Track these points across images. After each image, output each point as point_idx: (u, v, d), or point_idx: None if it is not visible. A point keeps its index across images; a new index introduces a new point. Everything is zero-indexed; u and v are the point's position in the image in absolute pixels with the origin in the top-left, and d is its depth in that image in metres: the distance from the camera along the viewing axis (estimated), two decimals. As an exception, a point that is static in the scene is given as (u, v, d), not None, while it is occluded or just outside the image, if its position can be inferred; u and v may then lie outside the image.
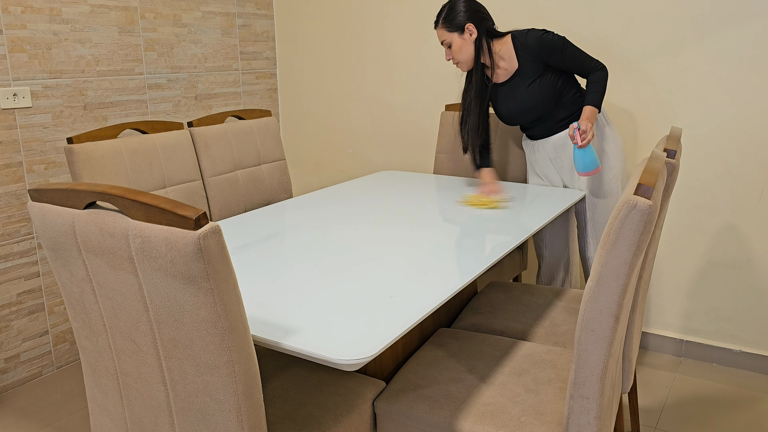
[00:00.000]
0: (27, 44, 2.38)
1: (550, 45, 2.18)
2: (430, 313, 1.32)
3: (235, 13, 3.26)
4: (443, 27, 2.24)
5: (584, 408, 1.24)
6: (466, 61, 2.26)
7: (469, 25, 2.20)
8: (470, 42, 2.23)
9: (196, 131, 2.38)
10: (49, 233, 1.18)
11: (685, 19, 2.44)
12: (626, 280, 1.13)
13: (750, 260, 2.49)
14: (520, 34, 2.25)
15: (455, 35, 2.22)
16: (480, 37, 2.22)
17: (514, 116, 2.33)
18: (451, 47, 2.25)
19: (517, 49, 2.24)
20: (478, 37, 2.22)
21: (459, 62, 2.27)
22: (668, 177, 1.55)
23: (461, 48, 2.23)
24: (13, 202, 2.41)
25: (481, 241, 1.76)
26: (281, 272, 1.54)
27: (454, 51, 2.25)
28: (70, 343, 2.66)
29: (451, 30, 2.22)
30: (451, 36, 2.23)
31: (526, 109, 2.28)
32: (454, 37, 2.23)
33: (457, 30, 2.21)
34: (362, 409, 1.45)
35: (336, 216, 2.06)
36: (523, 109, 2.29)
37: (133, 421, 1.25)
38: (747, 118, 2.40)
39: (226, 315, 1.03)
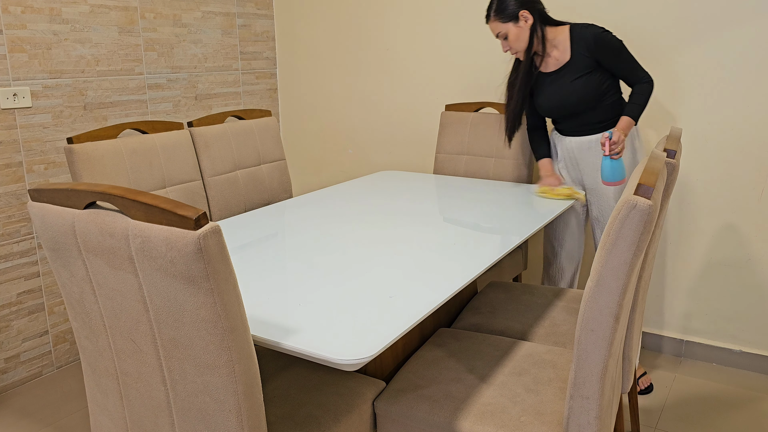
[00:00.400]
0: (27, 44, 2.38)
1: (609, 44, 2.14)
2: (430, 313, 1.32)
3: (235, 13, 3.26)
4: (496, 19, 2.19)
5: (584, 408, 1.24)
6: (521, 48, 2.22)
7: (523, 12, 2.16)
8: (526, 29, 2.18)
9: (196, 131, 2.38)
10: (49, 233, 1.18)
11: (685, 19, 2.44)
12: (626, 280, 1.13)
13: (750, 260, 2.49)
14: (580, 26, 2.20)
15: (510, 25, 2.18)
16: (535, 22, 2.18)
17: (552, 108, 2.29)
18: (507, 38, 2.20)
19: (573, 42, 2.19)
20: (533, 22, 2.18)
21: (517, 51, 2.24)
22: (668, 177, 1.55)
23: (518, 37, 2.19)
24: (13, 202, 2.41)
25: (481, 241, 1.76)
26: (281, 272, 1.54)
27: (511, 41, 2.20)
28: (70, 343, 2.66)
29: (506, 20, 2.18)
30: (506, 27, 2.18)
31: (567, 103, 2.24)
32: (510, 27, 2.18)
33: (511, 19, 2.17)
34: (362, 409, 1.45)
35: (336, 216, 2.06)
36: (563, 103, 2.25)
37: (133, 421, 1.25)
38: (747, 118, 2.40)
39: (226, 315, 1.03)
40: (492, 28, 2.22)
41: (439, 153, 2.86)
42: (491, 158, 2.74)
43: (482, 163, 2.76)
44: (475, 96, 3.00)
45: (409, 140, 3.24)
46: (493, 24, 2.21)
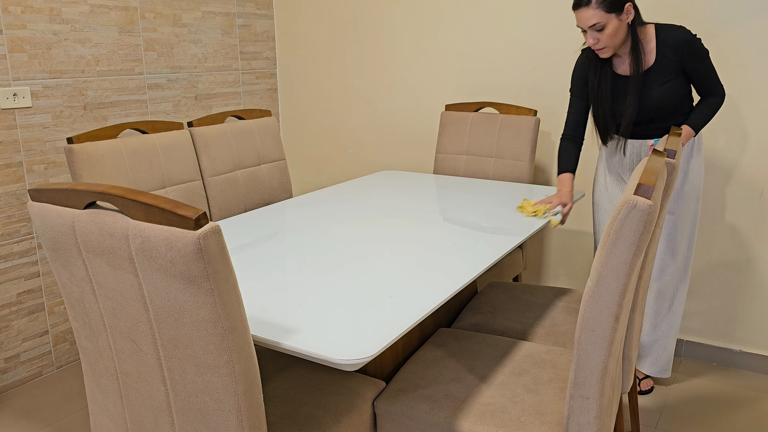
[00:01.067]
0: (27, 44, 2.38)
1: (698, 49, 2.00)
2: (430, 313, 1.32)
3: (235, 13, 3.26)
4: (600, 7, 1.92)
5: (584, 408, 1.24)
6: (616, 45, 2.00)
7: (629, 5, 1.94)
8: (626, 24, 1.96)
9: (196, 131, 2.38)
10: (49, 233, 1.18)
11: (684, 19, 2.44)
12: (626, 280, 1.13)
13: (750, 260, 2.49)
14: (668, 27, 2.03)
15: (613, 16, 1.93)
16: (635, 18, 1.98)
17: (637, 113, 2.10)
18: (603, 30, 1.95)
19: (660, 43, 2.02)
20: (634, 18, 1.97)
21: (606, 47, 1.99)
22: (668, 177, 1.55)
23: (617, 31, 1.95)
24: (13, 202, 2.41)
25: (481, 241, 1.76)
26: (281, 272, 1.54)
27: (607, 35, 1.95)
28: (70, 343, 2.66)
29: (610, 10, 1.92)
30: (608, 17, 1.92)
31: (651, 109, 2.07)
32: (612, 19, 1.93)
33: (616, 10, 1.92)
34: (362, 409, 1.45)
35: (336, 216, 2.06)
36: (647, 108, 2.07)
37: (133, 421, 1.25)
38: (747, 118, 2.40)
39: (226, 315, 1.03)
40: (586, 17, 1.94)
41: (439, 153, 2.86)
42: (491, 158, 2.74)
43: (482, 163, 2.76)
44: (476, 96, 3.00)
45: (409, 140, 3.24)
46: (593, 11, 1.92)
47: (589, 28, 1.96)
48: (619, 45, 2.00)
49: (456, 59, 3.01)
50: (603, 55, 2.03)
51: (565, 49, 2.72)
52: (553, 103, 2.80)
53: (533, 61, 2.81)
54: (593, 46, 2.00)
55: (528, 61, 2.83)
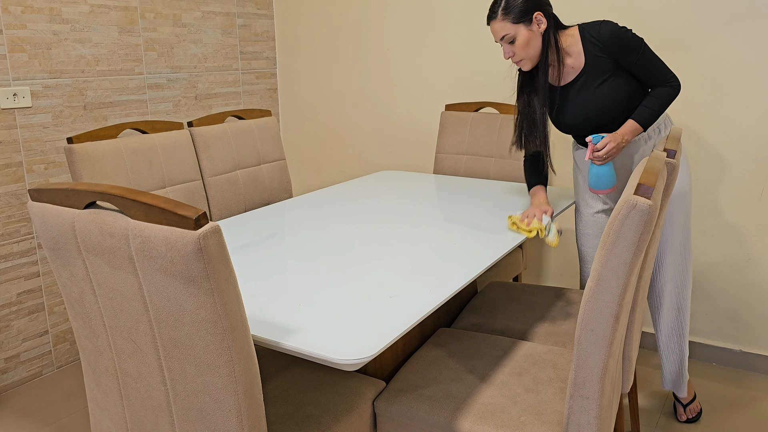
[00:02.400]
0: (27, 44, 2.38)
1: (627, 41, 1.87)
2: (430, 313, 1.32)
3: (235, 13, 3.26)
4: (505, 19, 1.87)
5: (584, 408, 1.24)
6: (532, 57, 1.92)
7: (538, 14, 1.87)
8: (538, 34, 1.89)
9: (196, 131, 2.38)
10: (49, 233, 1.18)
11: (684, 19, 2.44)
12: (626, 280, 1.13)
13: (750, 260, 2.49)
14: (591, 26, 1.93)
15: (521, 27, 1.87)
16: (549, 28, 1.90)
17: (578, 123, 1.99)
18: (514, 42, 1.89)
19: (586, 44, 1.92)
20: (546, 27, 1.89)
21: (522, 59, 1.92)
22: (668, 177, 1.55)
23: (529, 42, 1.88)
24: (13, 202, 2.41)
25: (481, 241, 1.76)
26: (281, 272, 1.54)
27: (519, 46, 1.89)
28: (70, 343, 2.66)
29: (517, 21, 1.86)
30: (516, 28, 1.87)
31: (595, 114, 1.96)
32: (521, 30, 1.87)
33: (523, 21, 1.86)
34: (362, 408, 1.45)
35: (336, 216, 2.06)
36: (591, 114, 1.96)
37: (133, 421, 1.25)
38: (747, 118, 2.40)
39: (226, 315, 1.03)
40: (496, 29, 1.90)
41: (439, 153, 2.86)
42: (491, 158, 2.74)
43: (482, 162, 2.76)
44: (476, 96, 3.00)
45: (409, 140, 3.24)
46: (500, 24, 1.88)
47: (501, 41, 1.91)
48: (535, 56, 1.92)
49: (456, 59, 3.01)
50: (522, 67, 1.96)
51: (565, 49, 2.72)
52: (553, 103, 2.80)
53: (533, 61, 2.81)
54: (512, 59, 1.94)
55: (528, 61, 2.83)
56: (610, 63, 1.91)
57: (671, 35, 2.47)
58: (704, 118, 2.47)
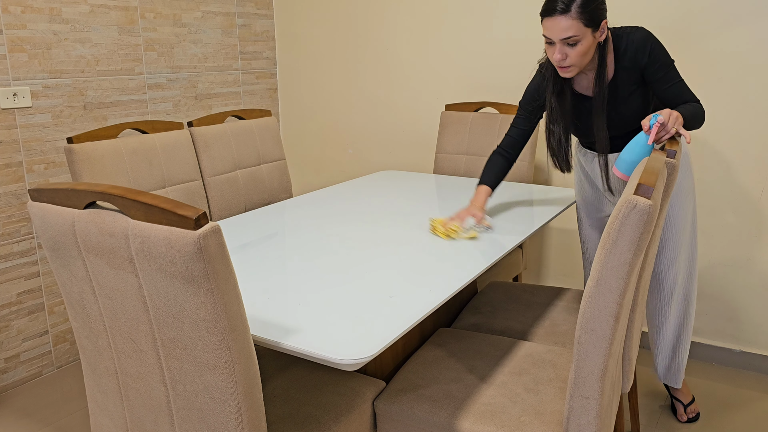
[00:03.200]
0: (27, 44, 2.38)
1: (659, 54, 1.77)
2: (430, 313, 1.32)
3: (235, 13, 3.26)
4: (579, 18, 1.66)
5: (584, 408, 1.24)
6: (582, 66, 1.75)
7: (605, 23, 1.72)
8: (597, 43, 1.74)
9: (196, 131, 2.38)
10: (49, 233, 1.18)
11: (684, 19, 2.44)
12: (626, 280, 1.13)
13: (750, 260, 2.48)
14: (623, 32, 1.80)
15: (589, 32, 1.69)
16: (606, 38, 1.76)
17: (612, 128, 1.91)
18: (575, 45, 1.70)
19: (617, 51, 1.80)
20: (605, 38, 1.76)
21: (572, 65, 1.74)
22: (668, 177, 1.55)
23: (589, 49, 1.71)
24: (13, 202, 2.41)
25: (481, 240, 1.76)
26: (281, 272, 1.54)
27: (579, 52, 1.70)
28: (70, 343, 2.66)
29: (588, 24, 1.67)
30: (585, 32, 1.68)
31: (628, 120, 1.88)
32: (588, 34, 1.68)
33: (593, 26, 1.68)
34: (362, 408, 1.45)
35: (336, 216, 2.06)
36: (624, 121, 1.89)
37: (133, 421, 1.25)
38: (747, 118, 2.40)
39: (226, 315, 1.03)
40: (563, 26, 1.67)
41: (439, 153, 2.86)
42: (491, 158, 2.74)
43: (482, 163, 2.76)
44: (475, 96, 3.00)
45: (409, 140, 3.24)
46: (570, 21, 1.66)
47: (560, 41, 1.70)
48: (584, 65, 1.76)
49: (456, 59, 3.01)
50: (566, 74, 1.77)
51: (565, 49, 2.72)
52: (553, 103, 2.80)
53: (533, 60, 2.81)
54: (559, 63, 1.74)
55: (528, 61, 2.83)
56: (637, 74, 1.81)
57: (671, 35, 2.47)
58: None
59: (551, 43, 1.73)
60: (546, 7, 1.70)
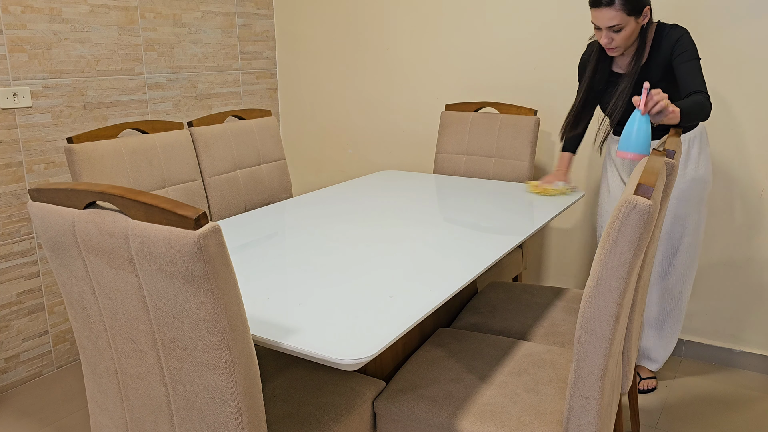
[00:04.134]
0: (27, 44, 2.38)
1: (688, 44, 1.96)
2: (430, 313, 1.32)
3: (235, 13, 3.26)
4: (622, 9, 1.90)
5: (584, 408, 1.24)
6: (628, 46, 2.01)
7: (647, 8, 1.94)
8: (640, 26, 1.97)
9: (196, 131, 2.38)
10: (49, 233, 1.18)
11: (684, 19, 2.44)
12: (626, 280, 1.13)
13: (750, 260, 2.49)
14: (667, 26, 2.02)
15: (632, 19, 1.92)
16: (649, 21, 1.98)
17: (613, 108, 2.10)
18: (620, 31, 1.94)
19: (656, 40, 2.02)
20: (649, 22, 1.98)
21: (618, 47, 1.99)
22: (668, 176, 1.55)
23: (632, 33, 1.96)
24: (13, 202, 2.41)
25: (481, 241, 1.76)
26: (281, 272, 1.54)
27: (623, 36, 1.95)
28: (70, 343, 2.66)
29: (631, 13, 1.91)
30: (628, 20, 1.92)
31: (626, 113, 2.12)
32: (630, 21, 1.92)
33: (635, 13, 1.92)
34: (362, 408, 1.45)
35: (336, 216, 2.06)
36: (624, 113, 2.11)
37: (133, 421, 1.25)
38: (747, 118, 2.40)
39: (226, 315, 1.03)
40: (608, 17, 1.91)
41: (439, 153, 2.86)
42: (491, 158, 2.74)
43: (482, 162, 2.76)
44: (475, 96, 3.00)
45: (409, 140, 3.24)
46: (614, 12, 1.90)
47: (606, 28, 1.94)
48: (629, 45, 2.01)
49: (456, 59, 3.01)
50: (613, 53, 2.03)
51: (565, 48, 2.72)
52: (553, 103, 2.80)
53: (533, 60, 2.81)
54: (606, 45, 1.99)
55: (528, 61, 2.83)
56: (666, 61, 2.01)
57: (671, 35, 2.48)
58: (704, 118, 2.47)
59: (599, 29, 1.97)
60: None
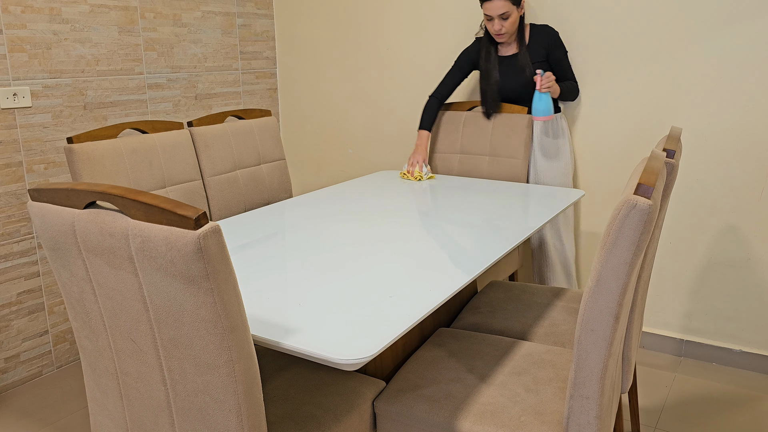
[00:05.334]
0: (27, 44, 2.38)
1: (560, 44, 2.58)
2: (430, 312, 1.32)
3: (235, 13, 3.26)
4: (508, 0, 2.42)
5: (584, 408, 1.24)
6: (512, 33, 2.53)
7: (523, 1, 2.48)
8: (518, 16, 2.49)
9: (196, 131, 2.38)
10: (49, 233, 1.18)
11: (685, 18, 2.44)
12: (626, 280, 1.13)
13: (750, 260, 2.49)
14: (540, 25, 2.60)
15: (515, 8, 2.45)
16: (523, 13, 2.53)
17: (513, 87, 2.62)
18: (507, 19, 2.45)
19: (532, 35, 2.57)
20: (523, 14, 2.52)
21: (506, 32, 2.49)
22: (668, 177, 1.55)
23: (515, 21, 2.48)
24: (13, 202, 2.41)
25: (481, 240, 1.76)
26: (281, 272, 1.54)
27: (510, 23, 2.46)
28: (70, 343, 2.66)
29: (514, 3, 2.43)
30: (512, 8, 2.44)
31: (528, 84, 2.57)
32: (514, 10, 2.45)
33: (517, 4, 2.45)
34: (362, 408, 1.45)
35: (336, 216, 2.06)
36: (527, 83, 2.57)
37: (133, 421, 1.25)
38: (747, 118, 2.40)
39: (226, 315, 1.03)
40: (498, 6, 2.41)
41: (437, 153, 2.86)
42: (485, 157, 2.74)
43: (476, 161, 2.76)
44: (469, 95, 3.00)
45: (409, 140, 3.24)
46: (503, 2, 2.40)
47: (498, 17, 2.44)
48: (514, 32, 2.53)
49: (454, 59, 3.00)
50: (501, 39, 2.53)
51: (565, 49, 2.72)
52: (553, 103, 2.80)
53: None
54: (498, 32, 2.48)
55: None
56: (544, 54, 2.58)
57: (672, 34, 2.48)
58: (704, 118, 2.47)
59: (491, 19, 2.47)
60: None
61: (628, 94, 2.61)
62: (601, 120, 2.69)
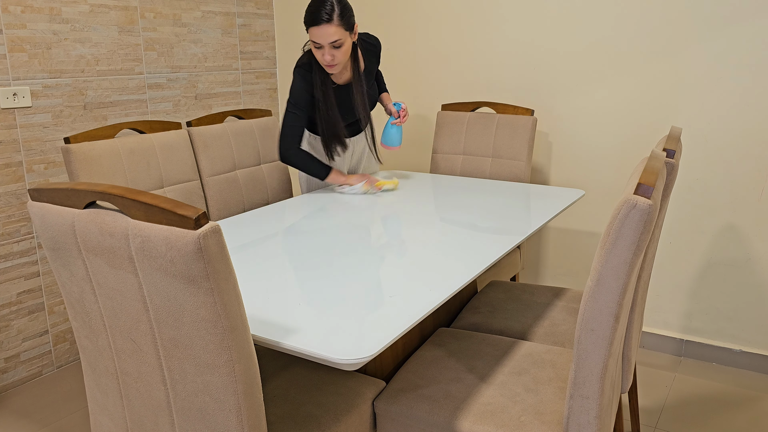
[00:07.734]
0: (27, 44, 2.38)
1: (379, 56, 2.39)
2: (430, 312, 1.32)
3: (235, 13, 3.26)
4: (341, 24, 2.03)
5: (584, 407, 1.24)
6: (344, 63, 2.17)
7: (356, 26, 2.13)
8: (351, 43, 2.12)
9: (195, 131, 2.38)
10: (49, 233, 1.18)
11: (684, 18, 2.44)
12: (626, 280, 1.13)
13: (750, 260, 2.49)
14: (365, 35, 2.32)
15: (348, 34, 2.08)
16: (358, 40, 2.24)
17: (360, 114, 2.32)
18: (340, 48, 2.08)
19: (364, 51, 2.29)
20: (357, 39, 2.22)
21: (338, 63, 2.12)
22: (668, 176, 1.55)
23: (349, 48, 2.12)
24: (13, 202, 2.41)
25: (481, 240, 1.76)
26: (281, 272, 1.54)
27: (343, 52, 2.09)
28: (70, 342, 2.66)
29: (347, 29, 2.07)
30: (345, 35, 2.06)
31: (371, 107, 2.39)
32: (347, 37, 2.08)
33: (350, 29, 2.08)
34: (362, 408, 1.45)
35: (336, 216, 2.06)
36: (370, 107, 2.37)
37: (133, 421, 1.25)
38: (747, 118, 2.40)
39: (226, 315, 1.03)
40: (330, 33, 2.02)
41: (435, 153, 2.86)
42: (488, 158, 2.74)
43: (479, 162, 2.76)
44: (472, 95, 3.00)
45: (407, 140, 3.24)
46: (335, 29, 2.02)
47: (328, 45, 2.05)
48: (346, 62, 2.17)
49: (453, 59, 3.01)
50: (333, 70, 2.13)
51: (562, 48, 2.72)
52: (550, 103, 2.80)
53: (530, 60, 2.81)
54: (329, 62, 2.09)
55: (525, 61, 2.83)
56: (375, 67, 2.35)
57: (672, 34, 2.48)
58: (704, 118, 2.47)
59: (320, 47, 2.08)
60: (312, 17, 2.04)
61: (628, 94, 2.61)
62: (601, 120, 2.69)
